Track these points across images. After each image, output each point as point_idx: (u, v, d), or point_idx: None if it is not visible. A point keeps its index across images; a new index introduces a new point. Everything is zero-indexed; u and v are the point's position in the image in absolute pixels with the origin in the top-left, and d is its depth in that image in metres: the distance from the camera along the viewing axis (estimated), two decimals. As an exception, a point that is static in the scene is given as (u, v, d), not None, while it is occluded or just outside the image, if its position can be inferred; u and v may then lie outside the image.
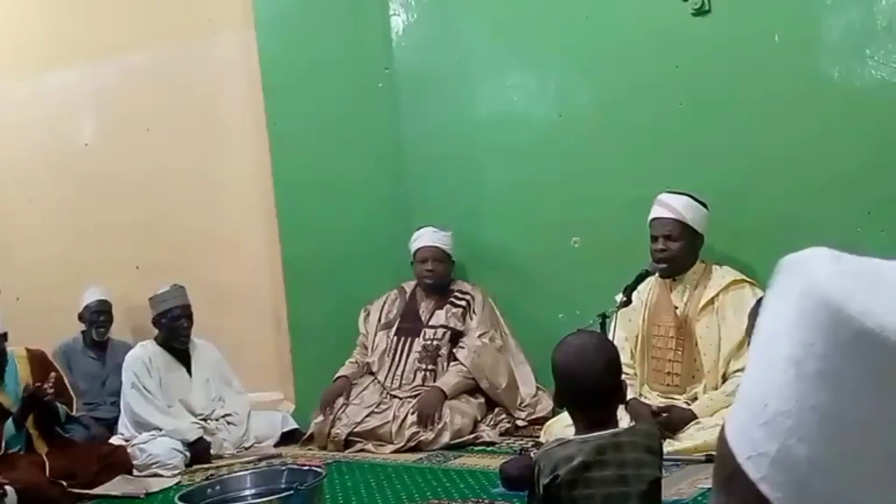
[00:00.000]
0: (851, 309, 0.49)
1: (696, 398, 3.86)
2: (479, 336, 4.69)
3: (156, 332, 4.91)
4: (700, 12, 4.13)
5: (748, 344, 2.44)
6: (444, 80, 5.03)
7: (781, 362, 0.51)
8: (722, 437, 0.55)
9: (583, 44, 4.56)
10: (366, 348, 4.92)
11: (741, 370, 3.64)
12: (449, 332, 4.72)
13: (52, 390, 4.16)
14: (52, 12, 6.03)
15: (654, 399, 3.96)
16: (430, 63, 5.09)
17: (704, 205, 3.95)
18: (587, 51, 4.56)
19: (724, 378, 3.80)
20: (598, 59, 4.52)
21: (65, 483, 4.08)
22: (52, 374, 4.29)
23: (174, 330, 4.82)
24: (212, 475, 3.83)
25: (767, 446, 0.50)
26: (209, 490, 2.69)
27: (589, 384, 2.06)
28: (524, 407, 4.61)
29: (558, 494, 1.97)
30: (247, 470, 2.90)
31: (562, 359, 2.12)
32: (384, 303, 4.98)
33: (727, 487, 0.53)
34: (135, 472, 4.37)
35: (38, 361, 4.42)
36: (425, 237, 4.82)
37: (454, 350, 4.68)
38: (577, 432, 2.09)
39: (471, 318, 4.75)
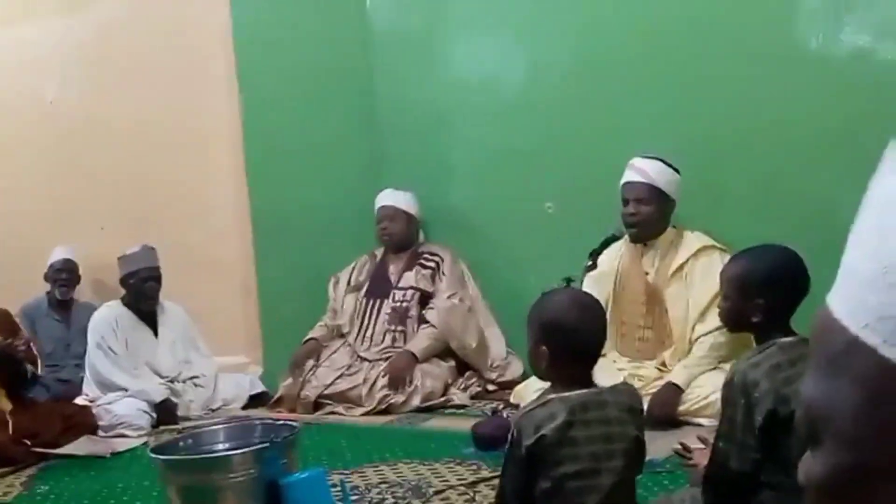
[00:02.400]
0: None
1: (664, 364, 3.87)
2: (449, 297, 4.68)
3: (121, 292, 4.84)
4: (681, -24, 4.13)
5: (717, 305, 2.42)
6: (419, 41, 4.99)
7: None
8: (824, 317, 0.55)
9: (560, 6, 4.55)
10: (335, 313, 4.89)
11: (707, 334, 3.67)
12: (418, 294, 4.70)
13: (23, 347, 4.15)
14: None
15: (623, 365, 3.96)
16: (406, 23, 5.04)
17: (676, 170, 3.90)
18: (564, 13, 4.54)
19: (691, 343, 3.79)
20: (574, 21, 4.50)
21: (28, 442, 4.02)
22: (22, 332, 4.31)
23: (142, 292, 4.75)
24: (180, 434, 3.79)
25: (891, 309, 0.50)
26: (181, 443, 2.65)
27: (587, 339, 1.99)
28: (494, 368, 4.62)
29: (543, 455, 1.90)
30: (220, 425, 2.85)
31: (561, 315, 1.99)
32: (353, 267, 4.95)
33: (838, 365, 0.54)
34: (100, 432, 4.30)
35: (3, 320, 4.34)
36: (383, 197, 4.82)
37: (423, 311, 4.67)
38: (553, 391, 1.99)
39: (440, 280, 4.74)
